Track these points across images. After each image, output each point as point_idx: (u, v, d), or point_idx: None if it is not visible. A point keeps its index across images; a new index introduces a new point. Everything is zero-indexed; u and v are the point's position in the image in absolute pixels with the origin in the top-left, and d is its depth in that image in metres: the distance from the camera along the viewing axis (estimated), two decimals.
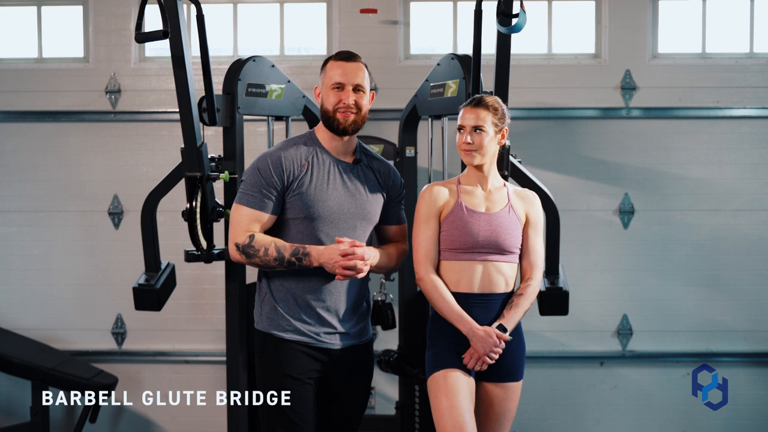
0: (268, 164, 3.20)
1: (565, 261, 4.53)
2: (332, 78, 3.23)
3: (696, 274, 5.67)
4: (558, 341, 5.72)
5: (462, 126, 3.39)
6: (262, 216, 3.21)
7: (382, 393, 5.68)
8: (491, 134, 3.39)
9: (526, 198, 3.51)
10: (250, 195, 3.20)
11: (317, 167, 3.24)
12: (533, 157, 5.47)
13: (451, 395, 3.31)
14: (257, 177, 3.20)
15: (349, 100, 3.23)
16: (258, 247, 3.18)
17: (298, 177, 3.21)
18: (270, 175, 3.19)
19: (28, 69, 5.83)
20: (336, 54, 3.28)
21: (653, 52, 5.71)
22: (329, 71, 3.25)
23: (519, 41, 4.56)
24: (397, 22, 5.69)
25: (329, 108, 3.23)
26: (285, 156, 3.22)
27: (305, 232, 3.22)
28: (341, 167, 3.29)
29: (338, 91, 3.22)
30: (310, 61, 5.77)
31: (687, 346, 5.69)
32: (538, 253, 3.48)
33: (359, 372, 3.41)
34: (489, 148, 3.40)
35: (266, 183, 3.19)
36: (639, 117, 5.67)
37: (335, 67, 3.24)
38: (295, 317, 3.26)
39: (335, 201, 3.24)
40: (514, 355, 3.43)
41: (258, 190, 3.19)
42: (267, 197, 3.19)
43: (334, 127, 3.23)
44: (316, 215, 3.21)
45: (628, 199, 5.68)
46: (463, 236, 3.36)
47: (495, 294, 3.40)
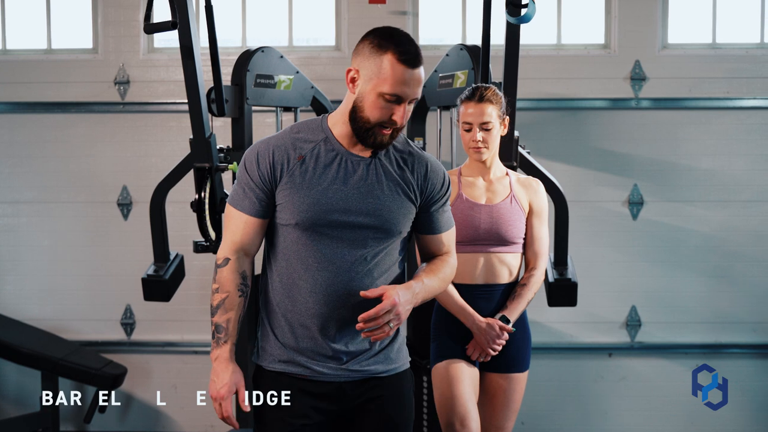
0: (254, 156, 2.55)
1: (574, 252, 4.52)
2: (390, 84, 2.40)
3: (705, 265, 5.66)
4: (566, 332, 5.71)
5: (469, 123, 3.36)
6: (245, 219, 2.57)
7: None
8: (497, 128, 3.38)
9: (529, 186, 3.49)
10: (235, 192, 2.59)
11: (317, 160, 2.53)
12: (542, 148, 5.45)
13: (453, 385, 3.32)
14: (242, 170, 2.58)
15: (402, 119, 2.46)
16: (218, 281, 2.57)
17: (290, 171, 2.52)
18: (255, 168, 2.54)
19: (37, 60, 5.83)
20: (400, 47, 2.41)
21: (663, 43, 5.68)
22: (387, 69, 2.40)
23: (528, 32, 4.55)
24: (406, 12, 5.68)
25: (370, 118, 2.44)
26: (277, 146, 2.54)
27: (299, 244, 2.53)
28: (352, 162, 2.53)
29: (392, 104, 2.43)
30: (318, 51, 5.76)
31: (696, 338, 5.68)
32: (543, 242, 3.47)
33: (387, 410, 2.60)
34: (496, 141, 3.40)
35: (250, 178, 2.55)
36: (649, 108, 5.65)
37: (398, 70, 2.40)
38: (289, 345, 2.57)
39: (335, 204, 2.50)
40: (518, 345, 3.43)
41: (241, 186, 2.57)
42: (248, 196, 2.55)
43: (370, 142, 2.48)
44: (307, 222, 2.50)
45: (638, 190, 5.66)
46: (464, 228, 3.35)
47: (498, 285, 3.40)
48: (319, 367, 2.53)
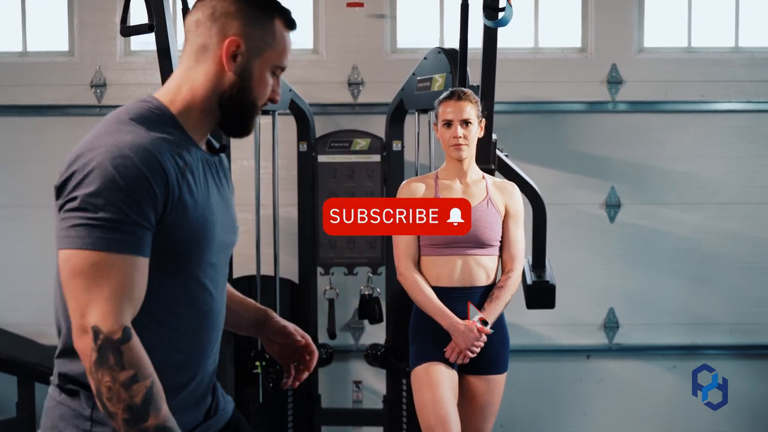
0: (136, 166, 1.70)
1: (552, 255, 4.54)
2: (284, 55, 1.92)
3: (682, 267, 5.69)
4: (545, 335, 5.73)
5: (449, 120, 3.38)
6: (142, 265, 1.71)
7: (369, 387, 5.68)
8: (476, 126, 3.41)
9: (505, 189, 3.51)
10: (113, 228, 1.67)
11: (194, 170, 1.84)
12: (520, 151, 5.47)
13: (433, 388, 3.32)
14: (120, 192, 1.68)
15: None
16: (130, 362, 1.64)
17: (180, 189, 1.77)
18: (147, 186, 1.70)
19: (12, 63, 5.78)
20: (283, 10, 1.91)
21: (639, 46, 5.72)
22: (280, 38, 1.90)
23: (505, 35, 4.56)
24: (384, 15, 5.68)
25: (257, 99, 1.91)
26: (158, 152, 1.75)
27: (177, 295, 1.81)
28: (209, 163, 1.92)
29: (274, 78, 1.93)
30: (296, 55, 5.75)
31: (673, 339, 5.72)
32: (519, 245, 3.48)
33: None
34: (475, 141, 3.42)
35: (137, 203, 1.69)
36: (625, 111, 5.68)
37: (287, 38, 1.91)
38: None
39: (218, 224, 1.89)
40: (497, 347, 3.44)
41: (125, 216, 1.68)
42: (142, 228, 1.70)
43: (248, 130, 1.95)
44: (199, 259, 1.83)
45: (615, 193, 5.69)
46: None
47: (475, 287, 3.41)
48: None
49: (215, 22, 1.84)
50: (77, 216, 1.68)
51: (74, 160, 1.77)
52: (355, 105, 5.67)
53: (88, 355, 1.64)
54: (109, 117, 1.86)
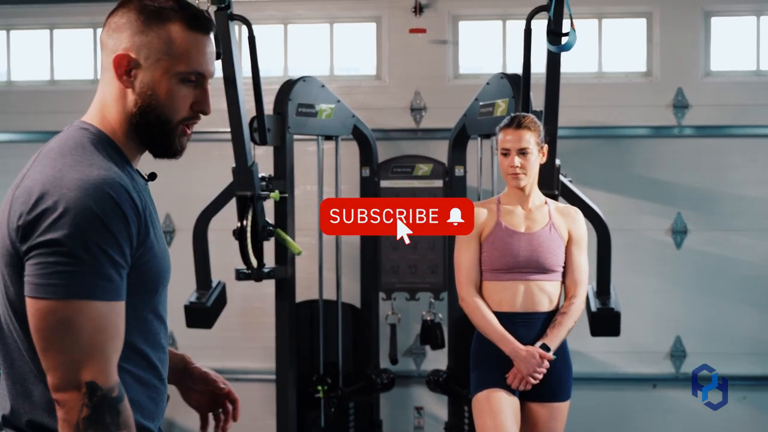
0: (115, 203, 1.57)
1: (617, 281, 4.48)
2: (187, 60, 1.69)
3: (751, 294, 5.56)
4: (609, 363, 5.64)
5: (506, 149, 3.37)
6: (123, 311, 1.60)
7: (430, 413, 5.65)
8: (536, 154, 3.38)
9: (568, 214, 3.48)
10: (101, 274, 1.54)
11: (147, 201, 1.74)
12: (583, 176, 5.42)
13: (495, 415, 3.29)
14: (102, 232, 1.54)
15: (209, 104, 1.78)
16: (125, 424, 1.57)
17: (146, 224, 1.66)
18: (126, 224, 1.59)
19: (41, 90, 5.95)
20: (184, 10, 1.70)
21: (706, 70, 5.64)
22: (179, 42, 1.69)
23: (569, 60, 4.54)
24: (446, 41, 5.71)
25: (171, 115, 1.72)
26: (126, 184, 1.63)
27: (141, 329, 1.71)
28: (146, 188, 1.81)
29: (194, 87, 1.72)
30: (359, 80, 5.80)
31: (742, 369, 5.58)
32: (582, 270, 3.44)
33: None
34: (534, 168, 3.39)
35: (118, 243, 1.57)
36: (692, 135, 5.60)
37: (193, 40, 1.71)
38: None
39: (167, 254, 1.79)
40: (559, 374, 3.40)
41: (109, 258, 1.55)
42: (124, 270, 1.60)
43: (174, 149, 1.81)
44: (163, 291, 1.79)
45: (681, 219, 5.60)
46: (503, 257, 3.35)
47: (538, 313, 3.38)
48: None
49: (109, 38, 1.69)
50: (57, 261, 1.51)
51: (40, 198, 1.54)
52: (417, 130, 5.69)
53: (76, 410, 1.51)
54: (53, 146, 1.66)
